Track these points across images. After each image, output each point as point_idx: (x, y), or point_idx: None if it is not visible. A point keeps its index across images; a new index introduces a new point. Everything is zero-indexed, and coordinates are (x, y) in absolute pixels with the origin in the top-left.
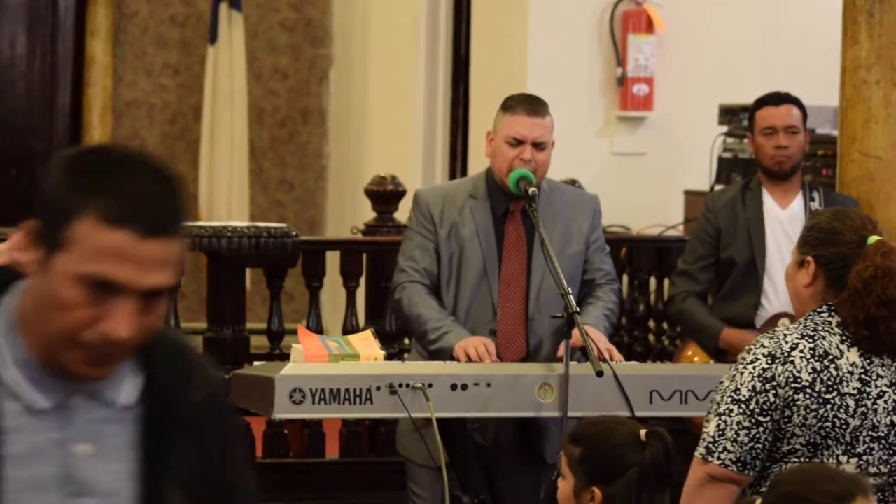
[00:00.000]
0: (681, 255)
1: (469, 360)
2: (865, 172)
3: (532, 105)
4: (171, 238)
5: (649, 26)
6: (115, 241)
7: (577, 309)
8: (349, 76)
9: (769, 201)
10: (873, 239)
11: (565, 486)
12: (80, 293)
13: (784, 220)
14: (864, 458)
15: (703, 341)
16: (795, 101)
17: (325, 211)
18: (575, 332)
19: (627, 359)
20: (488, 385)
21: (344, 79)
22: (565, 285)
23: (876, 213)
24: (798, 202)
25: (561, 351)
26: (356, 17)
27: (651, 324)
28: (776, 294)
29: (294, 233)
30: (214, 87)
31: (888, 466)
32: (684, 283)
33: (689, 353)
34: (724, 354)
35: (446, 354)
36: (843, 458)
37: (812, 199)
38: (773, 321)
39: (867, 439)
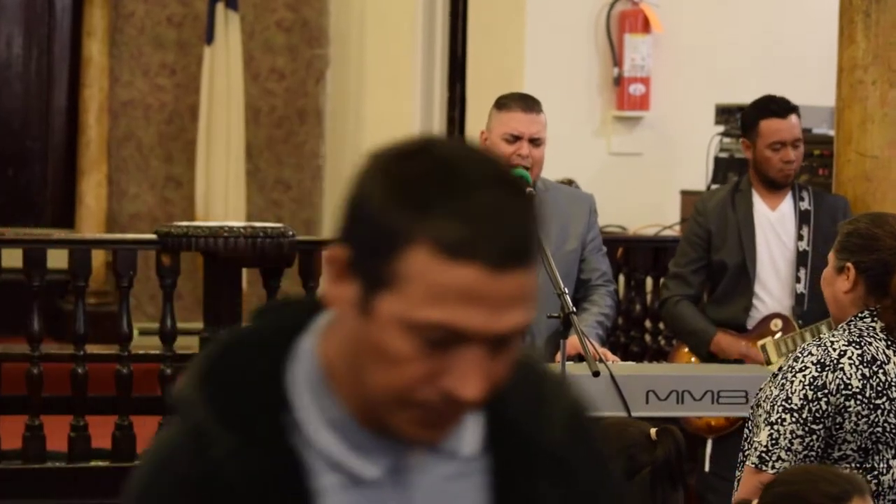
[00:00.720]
0: (673, 258)
1: None
2: (862, 172)
3: (527, 102)
4: (529, 267)
5: (646, 26)
6: (460, 279)
7: (574, 309)
8: (346, 76)
9: (759, 203)
10: None
11: None
12: (415, 344)
13: (774, 221)
14: None
15: (694, 346)
16: (795, 108)
17: (321, 211)
18: (572, 337)
19: (624, 359)
20: None
21: (340, 79)
22: (562, 285)
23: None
24: (788, 203)
25: (557, 355)
26: (353, 18)
27: (647, 324)
28: (768, 296)
29: (290, 233)
30: (211, 87)
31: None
32: (676, 286)
33: (686, 352)
34: (715, 358)
35: None
36: (893, 462)
37: (802, 199)
38: (764, 322)
39: None
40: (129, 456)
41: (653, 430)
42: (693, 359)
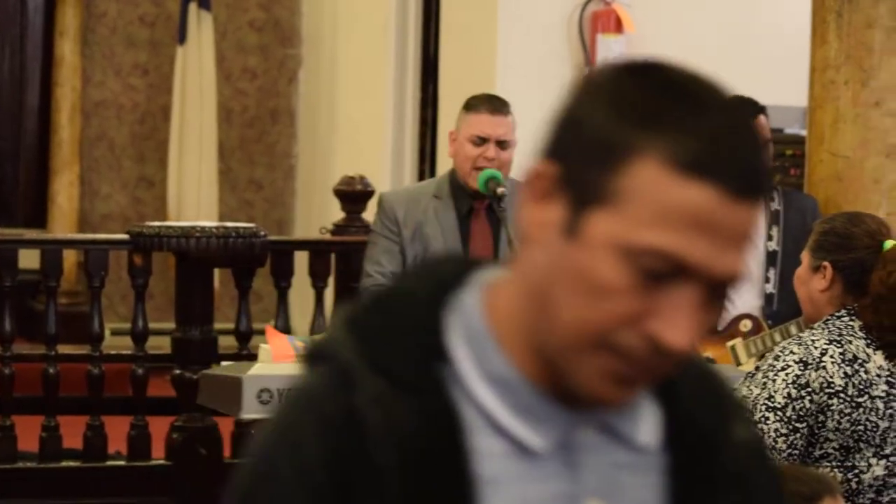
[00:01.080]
0: None
1: None
2: (834, 172)
3: (494, 104)
4: (761, 201)
5: (618, 26)
6: (693, 199)
7: None
8: (318, 76)
9: None
10: (890, 243)
11: None
12: (628, 274)
13: None
14: (892, 458)
15: None
16: (762, 110)
17: (293, 211)
18: None
19: None
20: None
21: (313, 79)
22: None
23: None
24: None
25: None
26: (325, 18)
27: None
28: (737, 296)
29: (262, 233)
30: (183, 87)
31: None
32: None
33: None
34: None
35: None
36: (874, 461)
37: (771, 200)
38: (734, 323)
39: (895, 440)
40: (101, 456)
41: None
42: None
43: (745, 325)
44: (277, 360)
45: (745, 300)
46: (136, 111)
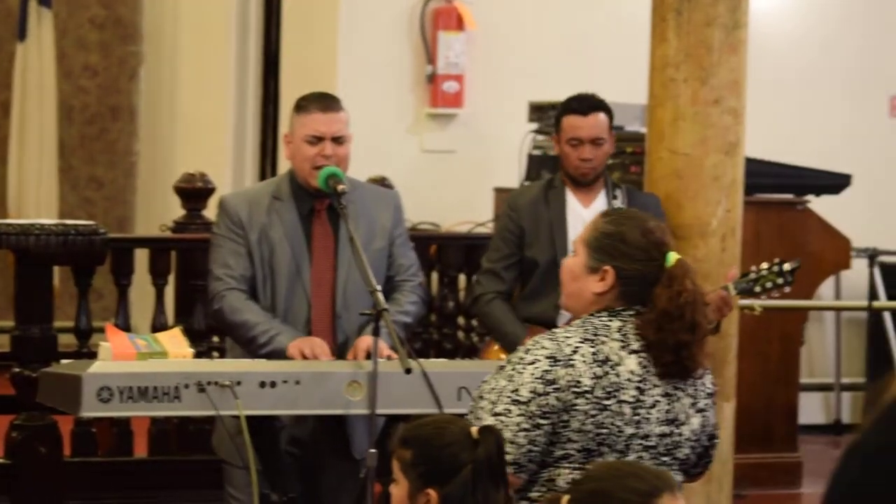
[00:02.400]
0: (485, 254)
1: (305, 360)
2: (673, 170)
3: (325, 101)
4: None
5: (459, 23)
6: None
7: (386, 306)
8: (159, 73)
9: (572, 200)
10: (673, 256)
11: (399, 490)
12: None
13: (587, 218)
14: None
15: (505, 346)
16: (602, 107)
17: (134, 208)
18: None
19: (437, 356)
20: (297, 382)
21: (154, 76)
22: (373, 282)
23: (683, 210)
24: (601, 200)
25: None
26: (166, 15)
27: (460, 321)
28: None
29: (103, 230)
30: (23, 83)
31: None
32: (489, 283)
33: (497, 349)
34: None
35: (279, 356)
36: None
37: (615, 198)
38: (575, 320)
39: (639, 448)
40: None
41: (474, 429)
42: (503, 355)
43: None
44: (118, 359)
45: None
46: None
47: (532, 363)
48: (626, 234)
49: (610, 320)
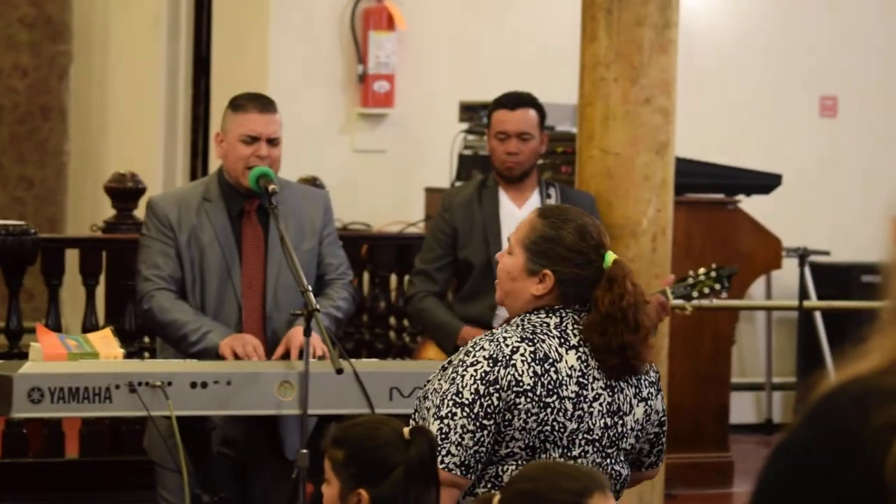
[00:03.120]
0: (419, 254)
1: (237, 358)
2: (604, 169)
3: (262, 102)
4: None
5: (390, 23)
6: None
7: (317, 306)
8: (89, 73)
9: (505, 200)
10: (611, 257)
11: (330, 490)
12: None
13: (520, 218)
14: (580, 461)
15: (440, 340)
16: (533, 104)
17: (65, 208)
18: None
19: (368, 356)
20: (228, 383)
21: (84, 75)
22: (304, 282)
23: (614, 209)
24: (535, 200)
25: (293, 345)
26: (96, 14)
27: (392, 321)
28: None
29: (33, 230)
30: None
31: (601, 469)
32: (422, 283)
33: (431, 350)
34: None
35: (211, 354)
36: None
37: (549, 197)
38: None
39: (582, 442)
40: None
41: (406, 430)
42: (432, 356)
43: None
44: (48, 359)
45: None
46: None
47: (472, 365)
48: (565, 237)
49: (548, 317)
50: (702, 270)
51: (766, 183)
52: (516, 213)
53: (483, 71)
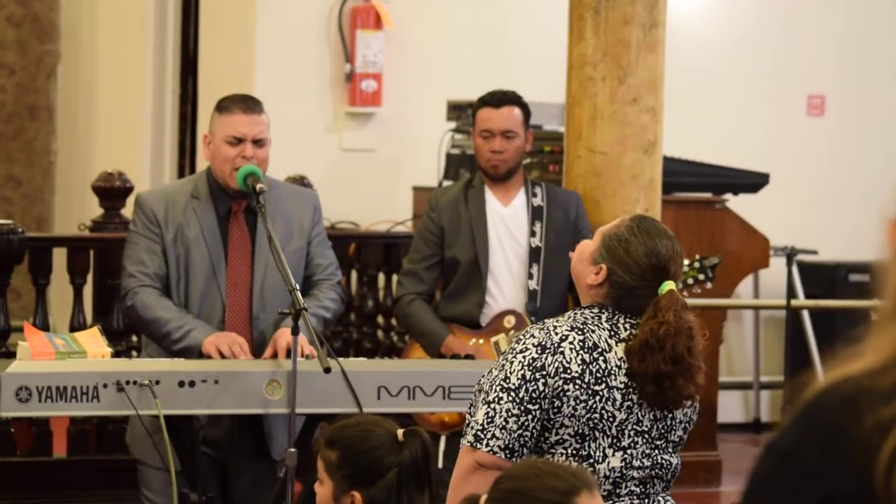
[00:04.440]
0: (407, 255)
1: (222, 356)
2: (591, 168)
3: (248, 103)
4: None
5: (378, 22)
6: None
7: (305, 305)
8: (77, 72)
9: (491, 199)
10: (666, 287)
11: (323, 491)
12: None
13: (506, 216)
14: (629, 451)
15: (426, 346)
16: (517, 102)
17: (52, 207)
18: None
19: (356, 355)
20: (216, 382)
21: (72, 75)
22: (293, 281)
23: (602, 208)
24: (520, 198)
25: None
26: (84, 13)
27: (380, 320)
28: (500, 292)
29: (20, 229)
30: None
31: (650, 460)
32: (410, 284)
33: (417, 350)
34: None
35: (194, 352)
36: (609, 452)
37: (535, 195)
38: (498, 319)
39: (632, 433)
40: None
41: (400, 432)
42: (419, 355)
43: (509, 320)
44: (36, 358)
45: (509, 296)
46: None
47: (522, 352)
48: (634, 246)
49: (600, 312)
50: (686, 261)
51: (753, 182)
52: (502, 211)
53: (471, 70)
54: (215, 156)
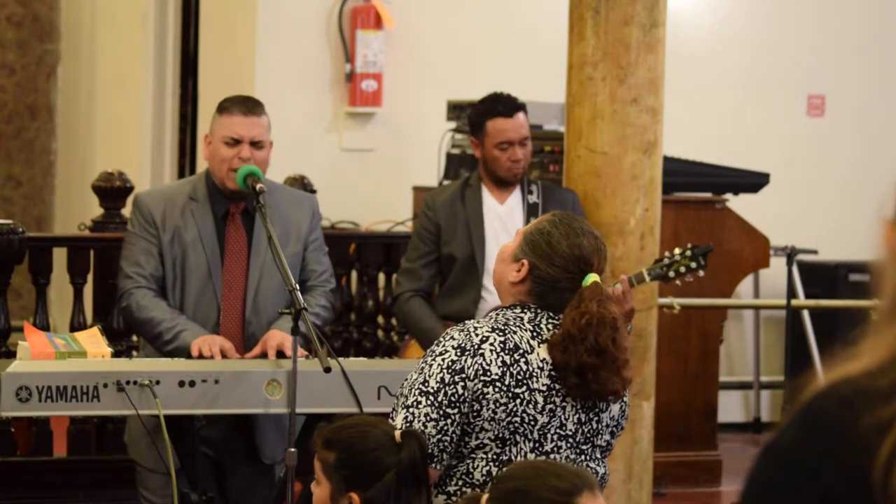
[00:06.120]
0: (405, 253)
1: (202, 357)
2: (591, 168)
3: (247, 105)
4: None
5: (378, 22)
6: None
7: (305, 305)
8: (77, 72)
9: (488, 197)
10: (590, 280)
11: (321, 492)
12: None
13: (502, 214)
14: (552, 456)
15: (423, 343)
16: (522, 106)
17: (52, 207)
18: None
19: (356, 354)
20: (216, 382)
21: (72, 75)
22: (293, 281)
23: (602, 208)
24: (516, 196)
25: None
26: (84, 13)
27: (380, 319)
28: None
29: (20, 229)
30: None
31: (576, 465)
32: (408, 282)
33: (415, 348)
34: None
35: (184, 353)
36: (531, 456)
37: (530, 193)
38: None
39: (555, 437)
40: None
41: (397, 433)
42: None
43: None
44: (36, 358)
45: None
46: None
47: (441, 354)
48: (554, 238)
49: (523, 312)
50: (677, 250)
51: (753, 182)
52: (498, 209)
53: (471, 70)
54: (213, 156)
